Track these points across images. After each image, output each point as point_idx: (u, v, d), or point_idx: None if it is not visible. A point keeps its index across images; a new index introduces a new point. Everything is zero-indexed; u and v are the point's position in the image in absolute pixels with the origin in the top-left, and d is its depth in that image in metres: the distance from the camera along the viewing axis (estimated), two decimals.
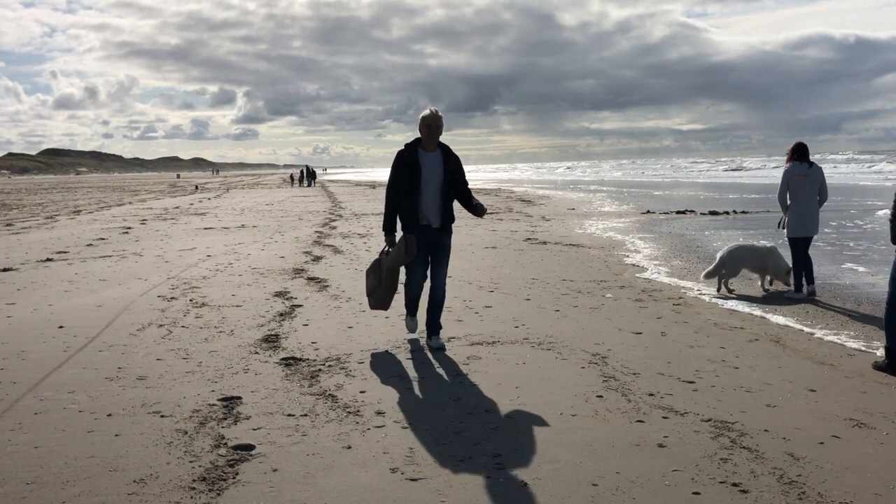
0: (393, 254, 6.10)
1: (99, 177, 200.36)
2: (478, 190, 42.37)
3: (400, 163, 6.03)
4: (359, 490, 3.51)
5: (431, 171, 5.97)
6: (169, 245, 14.44)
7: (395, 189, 6.06)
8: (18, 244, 15.15)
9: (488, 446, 4.03)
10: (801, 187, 8.63)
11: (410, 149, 6.04)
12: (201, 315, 7.49)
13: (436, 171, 5.99)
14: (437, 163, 6.02)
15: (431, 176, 5.96)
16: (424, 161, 5.99)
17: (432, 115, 6.00)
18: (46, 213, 26.70)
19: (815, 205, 8.69)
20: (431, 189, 5.97)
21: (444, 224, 6.08)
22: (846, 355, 5.98)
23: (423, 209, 5.99)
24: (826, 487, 3.50)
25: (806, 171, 8.61)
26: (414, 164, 5.96)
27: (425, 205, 5.99)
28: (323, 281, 9.62)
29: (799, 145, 8.77)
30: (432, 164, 6.00)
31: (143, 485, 3.55)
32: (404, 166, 5.99)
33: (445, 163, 6.03)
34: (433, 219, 6.03)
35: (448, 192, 6.04)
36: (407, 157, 6.00)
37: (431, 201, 5.99)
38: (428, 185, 5.96)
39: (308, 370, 5.49)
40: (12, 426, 4.36)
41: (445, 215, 6.07)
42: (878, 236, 14.73)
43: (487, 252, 12.55)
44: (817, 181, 8.64)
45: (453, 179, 6.04)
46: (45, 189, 63.62)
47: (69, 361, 5.79)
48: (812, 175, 8.62)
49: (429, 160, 6.00)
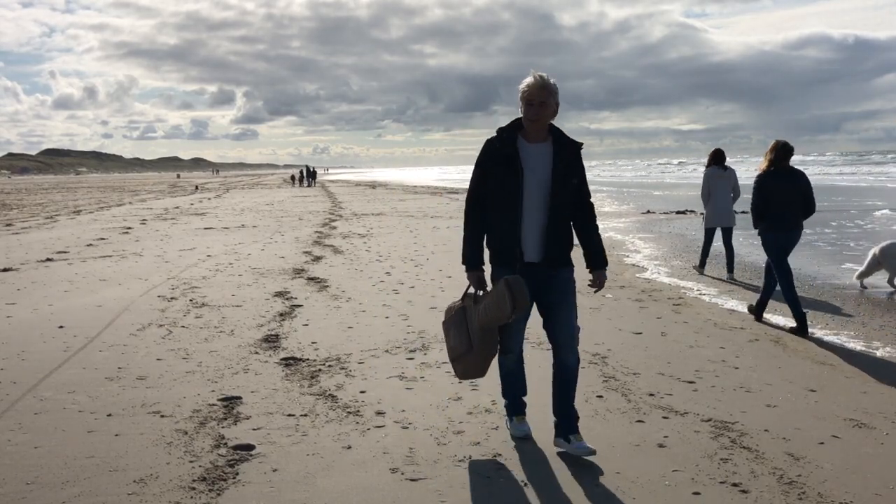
0: (487, 305, 3.88)
1: (99, 177, 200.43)
2: None
3: (488, 159, 3.96)
4: (359, 490, 3.51)
5: (537, 173, 3.86)
6: (169, 245, 14.44)
7: (482, 200, 3.99)
8: (18, 244, 15.15)
9: (488, 446, 4.03)
10: (717, 187, 10.29)
11: (505, 137, 3.94)
12: (201, 315, 7.49)
13: (543, 172, 3.86)
14: (544, 159, 3.89)
15: (536, 179, 3.85)
16: (528, 156, 3.88)
17: (536, 82, 3.85)
18: (46, 213, 26.70)
19: (730, 201, 10.30)
20: (535, 200, 3.85)
21: (554, 256, 3.89)
22: (846, 355, 5.99)
23: (524, 234, 3.87)
24: (826, 487, 3.50)
25: (721, 173, 10.30)
26: (511, 159, 3.86)
27: (527, 228, 3.86)
28: (323, 281, 9.63)
29: (716, 151, 10.51)
30: (539, 161, 3.88)
31: (143, 485, 3.55)
32: (495, 164, 3.91)
33: (557, 160, 3.89)
34: (537, 249, 3.88)
35: (560, 206, 3.88)
36: (500, 148, 3.91)
37: (535, 221, 3.86)
38: (532, 195, 3.84)
39: (308, 370, 5.49)
40: (12, 426, 4.36)
41: (557, 243, 3.89)
42: (878, 236, 14.73)
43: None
44: (731, 181, 10.30)
45: (568, 184, 3.90)
46: (45, 189, 63.63)
47: (69, 361, 5.79)
48: (726, 177, 10.29)
49: (534, 155, 3.89)
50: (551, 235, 3.87)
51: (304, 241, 14.75)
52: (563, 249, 3.93)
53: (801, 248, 13.12)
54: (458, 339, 4.06)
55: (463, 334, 4.02)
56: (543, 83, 3.84)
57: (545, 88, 3.84)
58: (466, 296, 4.09)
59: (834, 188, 35.21)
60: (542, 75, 3.87)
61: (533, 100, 3.83)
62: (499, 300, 3.78)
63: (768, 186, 6.97)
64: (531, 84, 3.85)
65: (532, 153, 3.89)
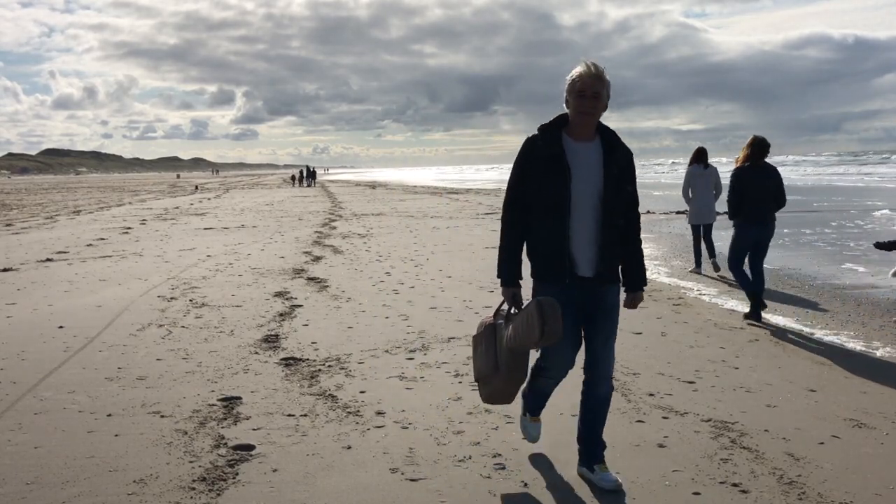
0: (518, 327, 3.45)
1: (99, 177, 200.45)
2: (477, 190, 42.53)
3: (529, 160, 3.50)
4: (359, 490, 3.51)
5: (586, 176, 3.42)
6: (169, 245, 14.44)
7: (521, 206, 3.53)
8: (18, 244, 15.15)
9: (488, 446, 4.03)
10: (699, 185, 10.58)
11: (548, 135, 3.49)
12: (201, 315, 7.49)
13: (593, 175, 3.43)
14: (594, 160, 3.45)
15: (586, 183, 3.42)
16: (575, 156, 3.44)
17: (590, 71, 3.42)
18: (46, 214, 26.70)
19: (712, 199, 10.56)
20: (585, 207, 3.42)
21: (606, 269, 3.49)
22: (846, 355, 5.99)
23: (573, 244, 3.43)
24: (826, 487, 3.50)
25: (703, 171, 10.57)
26: (556, 160, 3.42)
27: (576, 237, 3.43)
28: (323, 281, 9.62)
29: (699, 150, 10.69)
30: (588, 162, 3.44)
31: (143, 485, 3.55)
32: (538, 165, 3.46)
33: (608, 161, 3.46)
34: (586, 261, 3.45)
35: (612, 214, 3.45)
36: (542, 148, 3.47)
37: (585, 229, 3.43)
38: (581, 201, 3.41)
39: (308, 370, 5.48)
40: (12, 426, 4.36)
41: (610, 255, 3.48)
42: (878, 236, 14.72)
43: (487, 252, 12.54)
44: (712, 179, 10.56)
45: (622, 191, 3.49)
46: (44, 189, 63.63)
47: (69, 361, 5.79)
48: (707, 175, 10.55)
49: (582, 155, 3.45)
50: (604, 247, 3.43)
51: (304, 242, 14.75)
52: (615, 263, 3.54)
53: (801, 248, 13.14)
54: (485, 359, 3.70)
55: (491, 354, 3.65)
56: (598, 73, 3.42)
57: (600, 79, 3.42)
58: (498, 312, 3.70)
59: (834, 188, 35.22)
60: (594, 63, 3.45)
61: (586, 91, 3.39)
62: (528, 323, 3.35)
63: (744, 181, 7.27)
64: (584, 73, 3.41)
65: (580, 153, 3.45)
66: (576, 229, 3.42)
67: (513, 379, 3.62)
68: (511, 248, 3.59)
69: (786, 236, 15.04)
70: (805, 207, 22.53)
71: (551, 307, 3.29)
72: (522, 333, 3.39)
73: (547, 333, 3.28)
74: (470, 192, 39.56)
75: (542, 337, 3.29)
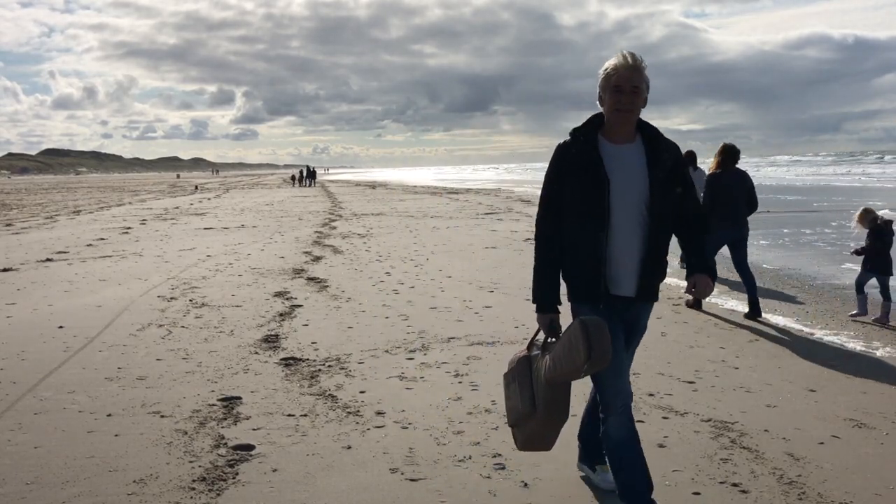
0: (558, 354, 3.02)
1: (99, 177, 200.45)
2: (477, 190, 42.54)
3: (562, 169, 3.11)
4: (359, 490, 3.51)
5: (629, 183, 3.02)
6: (169, 245, 14.44)
7: (556, 220, 3.15)
8: (18, 244, 15.15)
9: (488, 446, 4.03)
10: None
11: (584, 139, 3.10)
12: (201, 315, 7.49)
13: (636, 181, 3.03)
14: (636, 164, 3.06)
15: (628, 191, 3.02)
16: (615, 162, 3.05)
17: (627, 62, 3.02)
18: (46, 213, 26.70)
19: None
20: (627, 218, 3.02)
21: (649, 287, 3.12)
22: (846, 355, 5.98)
23: (611, 261, 3.05)
24: (826, 487, 3.50)
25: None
26: (593, 168, 3.02)
27: (615, 252, 3.04)
28: (323, 281, 9.62)
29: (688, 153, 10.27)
30: (629, 166, 3.05)
31: (143, 485, 3.55)
32: (573, 174, 3.07)
33: (652, 163, 3.06)
34: (627, 279, 3.07)
35: (658, 223, 3.05)
36: (576, 154, 3.08)
37: (626, 243, 3.04)
38: (622, 211, 3.02)
39: (308, 370, 5.49)
40: (12, 426, 4.36)
41: (654, 271, 3.11)
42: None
43: (487, 252, 12.55)
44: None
45: (669, 195, 3.08)
46: (44, 189, 63.63)
47: (69, 361, 5.79)
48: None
49: (623, 160, 3.06)
50: (648, 261, 3.05)
51: (304, 241, 14.75)
52: (658, 280, 3.15)
53: (801, 248, 13.14)
54: (518, 398, 3.20)
55: (526, 392, 3.15)
56: (636, 64, 3.01)
57: (638, 70, 3.01)
58: (533, 343, 3.26)
59: (834, 188, 35.23)
60: (632, 53, 3.05)
61: (624, 85, 3.00)
62: (570, 348, 2.90)
63: (716, 187, 7.60)
64: (620, 65, 3.02)
65: (619, 157, 3.05)
66: (616, 244, 3.02)
67: (551, 419, 3.12)
68: (547, 267, 3.17)
69: (786, 236, 15.04)
70: (805, 207, 22.54)
71: (597, 327, 2.87)
72: (564, 359, 2.94)
73: (594, 357, 2.82)
74: (470, 192, 39.57)
75: (588, 361, 2.83)
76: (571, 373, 2.94)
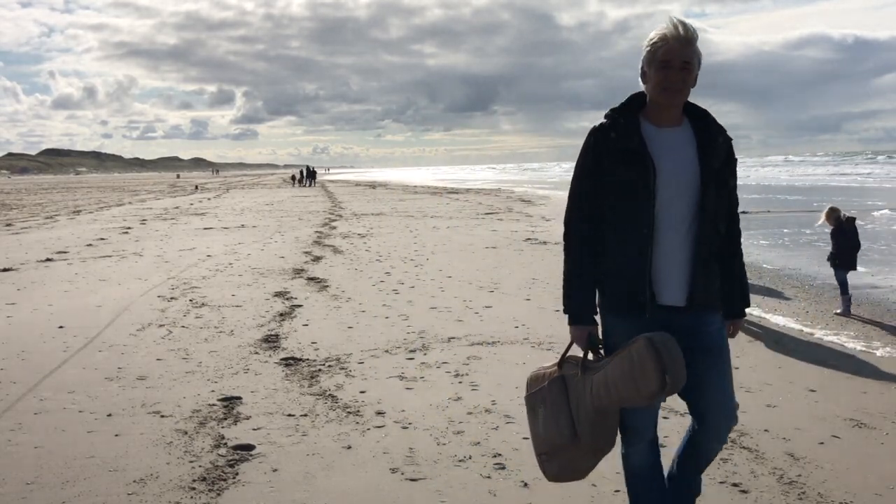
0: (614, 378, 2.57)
1: (99, 177, 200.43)
2: (477, 190, 42.56)
3: (598, 157, 2.65)
4: (359, 490, 3.51)
5: (677, 173, 2.59)
6: (169, 245, 14.44)
7: (590, 216, 2.69)
8: (18, 244, 15.15)
9: (488, 446, 4.03)
10: None
11: (622, 123, 2.64)
12: (201, 315, 7.49)
13: (686, 170, 2.60)
14: (684, 151, 2.63)
15: (676, 182, 2.58)
16: (660, 148, 2.60)
17: (677, 32, 2.56)
18: (46, 213, 26.70)
19: None
20: (675, 213, 2.59)
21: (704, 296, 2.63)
22: (846, 355, 5.98)
23: (657, 265, 2.60)
24: (826, 487, 3.50)
25: None
26: (637, 154, 2.58)
27: (662, 254, 2.59)
28: (323, 281, 9.62)
29: None
30: (677, 154, 2.61)
31: (143, 485, 3.55)
32: (611, 162, 2.62)
33: (705, 151, 2.62)
34: (674, 285, 2.61)
35: (711, 221, 2.62)
36: (615, 140, 2.62)
37: (675, 244, 2.60)
38: (670, 206, 2.58)
39: (308, 370, 5.49)
40: (12, 426, 4.36)
41: (707, 276, 2.64)
42: (878, 236, 14.74)
43: (487, 252, 12.55)
44: None
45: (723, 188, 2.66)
46: (44, 189, 63.62)
47: (69, 361, 5.79)
48: None
49: (670, 146, 2.62)
50: (701, 265, 2.59)
51: (304, 241, 14.75)
52: (714, 285, 2.67)
53: (802, 248, 13.14)
54: (552, 425, 2.75)
55: (562, 417, 2.72)
56: (688, 35, 2.55)
57: (690, 44, 2.56)
58: (567, 361, 2.77)
59: (834, 188, 35.23)
60: (684, 23, 2.57)
61: (673, 59, 2.54)
62: (636, 371, 2.47)
63: None
64: (670, 35, 2.54)
65: (665, 143, 2.60)
66: (662, 244, 2.57)
67: (598, 447, 2.75)
68: (580, 272, 2.69)
69: (786, 236, 15.05)
70: (805, 207, 22.55)
71: (669, 346, 2.47)
72: (624, 385, 2.51)
73: (670, 383, 2.45)
74: (470, 191, 39.57)
75: (662, 388, 2.45)
76: (635, 400, 2.56)
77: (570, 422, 2.71)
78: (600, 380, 2.60)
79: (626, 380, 2.51)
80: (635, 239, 2.59)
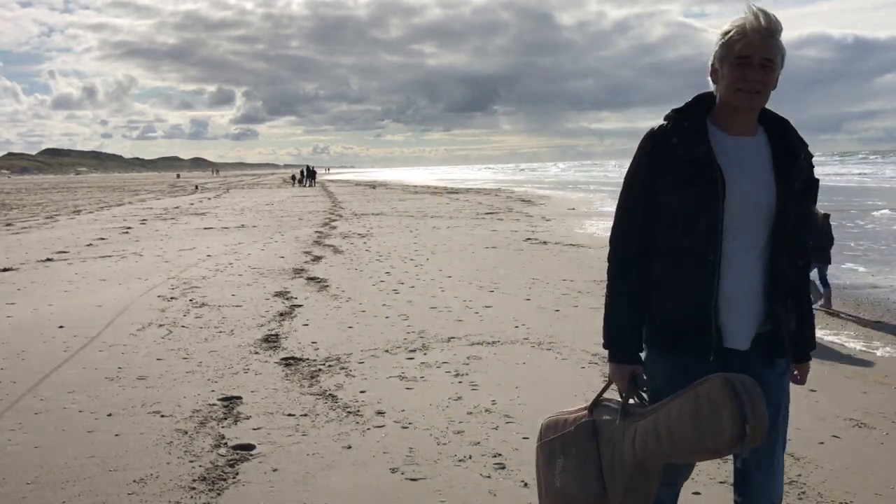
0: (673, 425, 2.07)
1: (99, 177, 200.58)
2: (477, 190, 42.56)
3: (655, 167, 2.22)
4: (359, 490, 3.51)
5: (749, 189, 2.17)
6: (169, 245, 14.44)
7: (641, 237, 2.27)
8: (18, 244, 15.15)
9: (488, 446, 4.03)
10: None
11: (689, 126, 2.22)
12: (201, 315, 7.49)
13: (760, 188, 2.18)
14: (761, 166, 2.21)
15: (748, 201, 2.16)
16: (731, 160, 2.18)
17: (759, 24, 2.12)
18: (46, 213, 26.71)
19: None
20: (747, 237, 2.17)
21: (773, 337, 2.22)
22: (846, 355, 5.99)
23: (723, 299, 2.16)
24: (826, 487, 3.50)
25: None
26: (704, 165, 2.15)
27: (728, 288, 2.16)
28: (323, 281, 9.62)
29: None
30: (751, 168, 2.20)
31: (143, 485, 3.55)
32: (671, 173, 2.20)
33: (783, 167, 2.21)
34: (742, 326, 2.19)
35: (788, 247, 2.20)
36: (678, 147, 2.19)
37: (743, 276, 2.18)
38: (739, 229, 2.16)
39: (308, 370, 5.49)
40: (12, 426, 4.36)
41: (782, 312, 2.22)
42: (878, 236, 14.74)
43: (487, 252, 12.55)
44: None
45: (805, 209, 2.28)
46: (44, 189, 63.63)
47: (69, 361, 5.79)
48: None
49: (740, 156, 2.20)
50: (776, 299, 2.19)
51: (304, 241, 14.75)
52: (788, 327, 2.25)
53: None
54: (575, 478, 2.29)
55: (589, 470, 2.26)
56: (771, 27, 2.14)
57: (773, 37, 2.15)
58: (600, 405, 2.36)
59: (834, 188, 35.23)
60: (766, 13, 2.14)
61: (753, 56, 2.13)
62: (705, 417, 2.00)
63: None
64: (750, 27, 2.13)
65: (737, 153, 2.19)
66: (729, 276, 2.15)
67: None
68: (626, 302, 2.27)
69: None
70: None
71: (749, 389, 2.00)
72: (686, 434, 2.04)
73: (752, 432, 1.96)
74: (470, 191, 39.58)
75: (742, 439, 1.96)
76: (695, 454, 2.10)
77: (599, 475, 2.23)
78: (648, 427, 2.13)
79: (687, 428, 2.04)
80: (700, 265, 2.15)
